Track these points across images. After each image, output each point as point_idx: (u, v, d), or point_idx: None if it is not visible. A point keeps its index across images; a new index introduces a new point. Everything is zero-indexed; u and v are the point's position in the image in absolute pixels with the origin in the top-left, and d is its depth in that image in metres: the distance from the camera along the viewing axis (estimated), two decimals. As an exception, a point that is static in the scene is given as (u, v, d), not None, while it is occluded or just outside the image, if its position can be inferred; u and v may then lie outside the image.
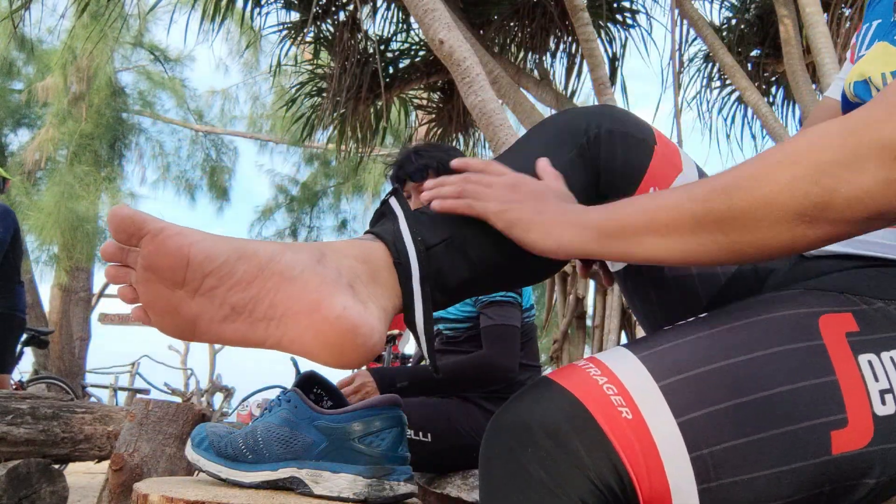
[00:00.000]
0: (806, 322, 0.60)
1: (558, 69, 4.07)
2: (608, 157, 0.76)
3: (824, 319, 0.60)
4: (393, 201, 0.72)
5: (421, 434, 1.73)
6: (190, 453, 0.88)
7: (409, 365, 2.14)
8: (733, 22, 4.01)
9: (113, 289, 9.07)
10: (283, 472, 0.83)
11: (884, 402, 0.57)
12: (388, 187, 2.13)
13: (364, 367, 1.93)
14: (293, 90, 4.16)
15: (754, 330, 0.59)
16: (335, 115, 3.83)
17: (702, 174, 0.81)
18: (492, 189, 0.69)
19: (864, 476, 0.56)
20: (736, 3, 4.02)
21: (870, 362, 0.57)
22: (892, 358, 0.58)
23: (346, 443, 0.82)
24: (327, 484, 0.81)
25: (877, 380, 0.57)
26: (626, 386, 0.56)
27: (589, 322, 3.36)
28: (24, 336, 4.18)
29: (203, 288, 0.56)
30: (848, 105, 0.76)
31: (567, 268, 2.95)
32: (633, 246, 0.62)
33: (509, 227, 0.66)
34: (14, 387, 4.60)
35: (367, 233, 0.71)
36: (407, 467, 0.85)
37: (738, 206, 0.56)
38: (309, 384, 0.90)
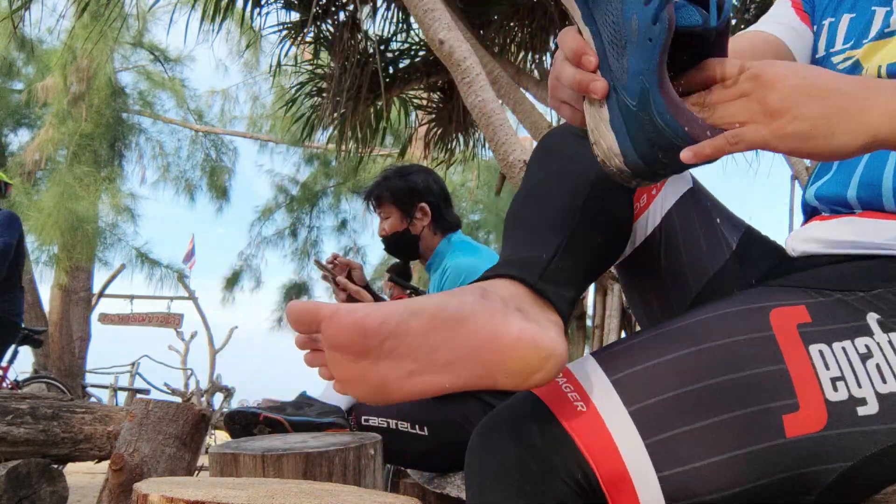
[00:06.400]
0: (756, 315, 0.62)
1: (558, 69, 4.06)
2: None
3: (775, 312, 0.62)
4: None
5: (417, 427, 1.72)
6: None
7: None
8: (733, 22, 4.01)
9: (113, 289, 8.91)
10: None
11: (836, 389, 0.59)
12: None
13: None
14: (293, 90, 4.15)
15: (704, 326, 0.63)
16: (335, 115, 3.83)
17: (693, 177, 0.84)
18: (747, 106, 0.57)
19: (825, 461, 0.58)
20: (736, 3, 4.02)
21: (820, 352, 0.60)
22: (844, 348, 0.60)
23: None
24: None
25: (828, 368, 0.59)
26: (580, 382, 0.62)
27: (589, 322, 3.36)
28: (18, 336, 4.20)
29: (384, 352, 0.59)
30: None
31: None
32: None
33: (799, 143, 0.55)
34: (10, 386, 4.61)
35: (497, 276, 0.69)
36: None
37: None
38: None
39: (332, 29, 3.77)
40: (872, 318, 0.61)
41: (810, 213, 0.81)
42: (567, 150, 0.78)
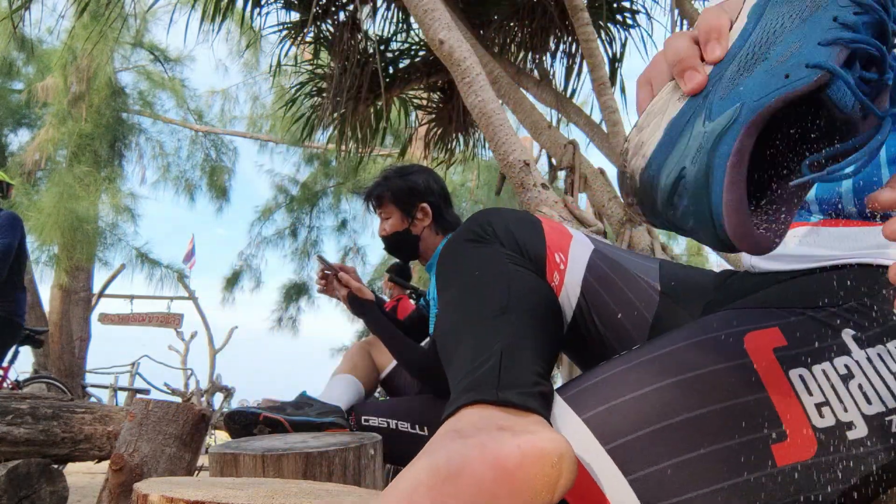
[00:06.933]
0: (730, 342, 0.60)
1: (558, 69, 4.07)
2: (516, 242, 0.79)
3: (749, 337, 0.60)
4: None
5: (417, 427, 1.72)
6: None
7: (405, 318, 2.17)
8: (733, 22, 4.00)
9: (113, 289, 8.90)
10: None
11: (822, 415, 0.57)
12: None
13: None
14: (293, 90, 4.16)
15: (679, 356, 0.60)
16: (335, 115, 3.83)
17: (590, 237, 0.85)
18: None
19: (821, 486, 0.57)
20: None
21: (801, 377, 0.58)
22: (824, 371, 0.58)
23: None
24: None
25: (811, 394, 0.57)
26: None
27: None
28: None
29: None
30: None
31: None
32: None
33: None
34: (10, 386, 4.61)
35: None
36: None
37: None
38: None
39: (332, 29, 3.77)
40: (848, 335, 0.60)
41: None
42: (470, 256, 0.76)
